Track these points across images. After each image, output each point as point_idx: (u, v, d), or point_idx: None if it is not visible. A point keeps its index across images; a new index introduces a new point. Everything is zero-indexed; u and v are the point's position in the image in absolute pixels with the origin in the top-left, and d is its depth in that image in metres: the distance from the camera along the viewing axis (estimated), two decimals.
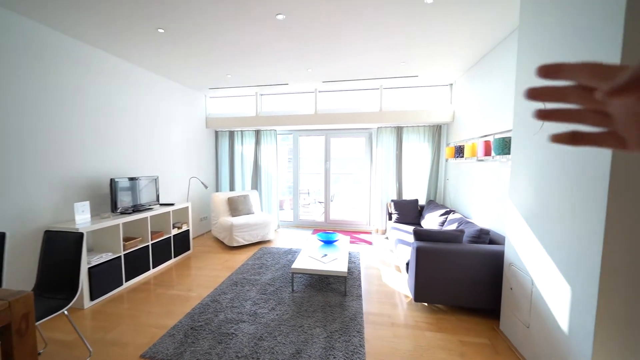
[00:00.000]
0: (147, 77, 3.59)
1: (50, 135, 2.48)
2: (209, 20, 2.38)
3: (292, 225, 5.45)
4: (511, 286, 1.94)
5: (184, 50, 2.99)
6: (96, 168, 2.92)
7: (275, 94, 4.85)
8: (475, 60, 3.27)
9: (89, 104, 2.82)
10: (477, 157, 3.08)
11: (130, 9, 2.19)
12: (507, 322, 1.99)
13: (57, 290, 1.75)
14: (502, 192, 2.67)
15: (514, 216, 1.92)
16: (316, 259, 2.82)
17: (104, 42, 2.77)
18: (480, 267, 2.18)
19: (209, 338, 1.96)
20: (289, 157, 5.62)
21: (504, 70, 2.69)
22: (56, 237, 1.86)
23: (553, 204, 1.55)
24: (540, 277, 1.65)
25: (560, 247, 1.50)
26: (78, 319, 2.26)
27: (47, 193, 2.47)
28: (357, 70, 3.63)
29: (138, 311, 2.37)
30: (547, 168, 1.60)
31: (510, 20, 2.36)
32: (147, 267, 3.11)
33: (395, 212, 4.20)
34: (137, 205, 3.12)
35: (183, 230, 3.72)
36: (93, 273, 2.47)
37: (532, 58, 1.77)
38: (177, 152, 4.22)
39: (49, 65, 2.46)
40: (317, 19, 2.37)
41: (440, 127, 4.44)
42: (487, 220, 2.94)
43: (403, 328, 2.13)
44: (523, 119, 1.84)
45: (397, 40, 2.75)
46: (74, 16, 2.29)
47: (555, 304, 1.52)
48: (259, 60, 3.31)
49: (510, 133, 2.47)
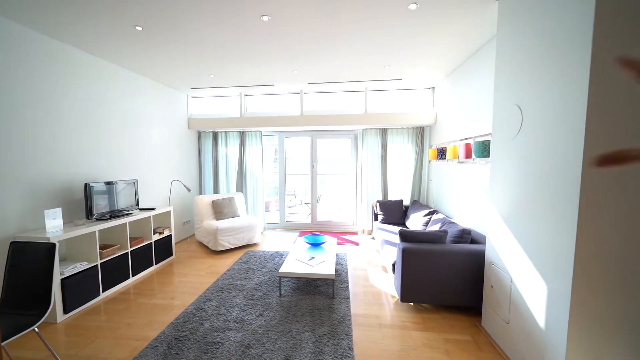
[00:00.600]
0: (124, 75, 3.42)
1: (14, 137, 2.31)
2: (189, 18, 2.31)
3: (279, 227, 5.40)
4: (492, 284, 2.03)
5: (163, 48, 2.87)
6: (69, 172, 2.74)
7: (261, 95, 4.78)
8: (456, 65, 3.38)
9: (59, 103, 2.65)
10: (458, 159, 3.19)
11: (104, 3, 2.08)
12: (488, 319, 2.07)
13: (26, 306, 1.63)
14: (482, 193, 2.77)
15: (493, 216, 2.01)
16: (304, 262, 2.81)
17: (74, 38, 2.61)
18: (463, 267, 2.26)
19: (194, 348, 1.89)
20: (275, 157, 5.56)
21: (484, 75, 2.80)
22: (24, 248, 1.73)
23: (529, 203, 1.63)
24: (519, 275, 1.73)
25: (536, 245, 1.58)
26: (50, 334, 2.11)
27: (12, 199, 2.29)
28: (342, 72, 3.65)
29: (117, 323, 2.26)
30: (523, 169, 1.68)
31: (489, 27, 2.45)
32: (126, 276, 2.96)
33: (381, 213, 4.26)
34: (115, 211, 2.96)
35: (165, 235, 3.59)
36: (66, 284, 2.32)
37: (509, 65, 1.85)
38: (158, 154, 4.06)
39: (19, 64, 2.28)
40: (302, 21, 2.36)
41: (423, 129, 4.56)
42: (469, 220, 3.05)
43: (390, 328, 2.17)
44: (501, 123, 1.92)
45: (381, 44, 2.79)
46: (45, 11, 2.13)
47: (533, 300, 1.60)
48: (243, 61, 3.25)
49: (489, 136, 2.58)
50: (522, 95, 1.72)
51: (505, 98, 1.88)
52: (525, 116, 1.68)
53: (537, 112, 1.58)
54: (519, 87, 1.74)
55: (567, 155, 1.36)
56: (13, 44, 2.28)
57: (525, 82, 1.68)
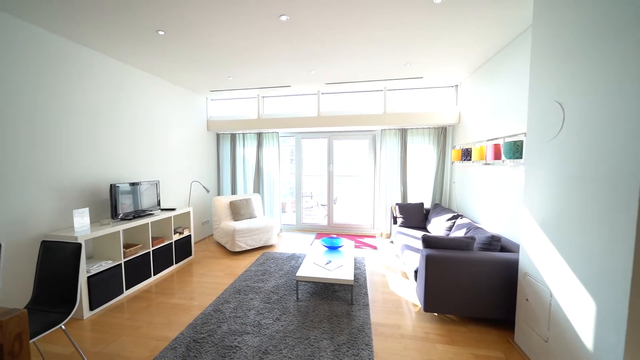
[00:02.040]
0: (146, 80, 3.53)
1: (47, 140, 2.42)
2: (210, 22, 2.32)
3: (295, 229, 5.38)
4: (527, 297, 1.86)
5: (184, 52, 2.92)
6: (95, 173, 2.85)
7: (278, 96, 4.78)
8: (482, 61, 3.19)
9: (87, 108, 2.76)
10: (485, 160, 3.01)
11: (129, 10, 2.13)
12: (523, 335, 1.90)
13: (55, 303, 1.68)
14: (512, 197, 2.58)
15: (529, 223, 1.84)
16: (321, 266, 2.75)
17: (103, 45, 2.70)
18: (493, 276, 2.10)
19: (212, 352, 1.88)
20: (291, 159, 5.55)
21: (514, 72, 2.61)
22: (53, 247, 1.79)
23: (573, 211, 1.47)
24: (560, 289, 1.57)
25: (582, 257, 1.42)
26: (77, 330, 2.19)
27: (44, 200, 2.40)
28: (360, 72, 3.56)
29: (139, 321, 2.31)
30: (565, 173, 1.52)
31: (522, 19, 2.28)
32: (148, 275, 3.04)
33: (400, 216, 4.12)
34: (138, 211, 3.05)
35: (185, 235, 3.66)
36: (92, 282, 2.40)
37: (547, 58, 1.69)
38: (178, 156, 4.16)
39: (45, 68, 2.40)
40: (321, 20, 2.30)
41: (445, 129, 4.36)
42: (497, 226, 2.86)
43: (413, 340, 2.05)
44: (538, 122, 1.76)
45: (403, 41, 2.68)
46: (74, 20, 2.22)
47: (578, 318, 1.44)
48: (261, 63, 3.25)
49: (521, 136, 2.40)
50: (564, 91, 1.56)
51: (543, 94, 1.72)
52: (568, 115, 1.52)
53: (584, 111, 1.42)
54: (561, 82, 1.58)
55: (623, 160, 1.20)
56: (43, 51, 2.39)
57: (569, 77, 1.52)
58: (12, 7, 2.05)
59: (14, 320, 1.11)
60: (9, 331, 1.10)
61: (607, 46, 1.29)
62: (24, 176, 2.25)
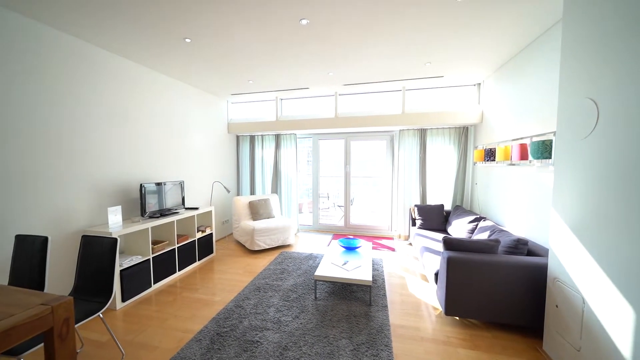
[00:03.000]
0: (172, 85, 3.72)
1: (88, 141, 2.62)
2: (233, 28, 2.41)
3: (312, 230, 5.42)
4: (557, 303, 1.77)
5: (208, 57, 3.06)
6: (126, 173, 3.04)
7: (296, 98, 4.86)
8: (506, 59, 3.08)
9: (121, 112, 2.96)
10: (510, 160, 2.89)
11: (159, 20, 2.26)
12: (553, 343, 1.82)
13: (93, 293, 1.82)
14: (540, 199, 2.47)
15: (559, 226, 1.76)
16: (339, 266, 2.76)
17: (132, 52, 2.88)
18: (519, 281, 2.02)
19: (234, 345, 1.95)
20: (308, 160, 5.61)
21: (541, 69, 2.51)
22: (92, 241, 1.94)
23: (609, 213, 1.39)
24: (594, 296, 1.49)
25: (618, 263, 1.34)
26: (111, 319, 2.34)
27: (83, 198, 2.60)
28: (379, 72, 3.54)
29: (165, 314, 2.43)
30: (599, 174, 1.45)
31: (549, 14, 2.18)
32: (173, 270, 3.19)
33: (419, 218, 4.04)
34: (164, 210, 3.21)
35: (207, 233, 3.80)
36: (124, 275, 2.56)
37: (578, 53, 1.62)
38: (201, 157, 4.33)
39: (84, 77, 2.60)
40: (341, 23, 2.33)
41: (467, 129, 4.24)
42: (523, 229, 2.74)
43: (433, 343, 2.01)
44: (570, 120, 1.68)
45: (424, 41, 2.64)
46: (107, 28, 2.40)
47: (614, 327, 1.36)
48: (281, 66, 3.33)
49: (550, 135, 2.29)
50: (597, 86, 1.48)
51: (575, 91, 1.64)
52: (603, 112, 1.44)
53: (620, 107, 1.35)
54: (594, 78, 1.51)
55: None
56: (83, 61, 2.59)
57: (603, 72, 1.45)
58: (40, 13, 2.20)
59: (63, 306, 1.22)
60: (59, 315, 1.20)
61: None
62: (67, 176, 2.45)
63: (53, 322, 1.18)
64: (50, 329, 1.16)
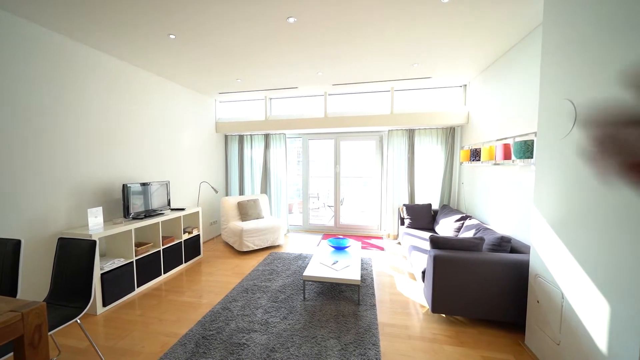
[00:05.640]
0: (157, 82, 3.62)
1: (65, 142, 2.51)
2: (219, 25, 2.37)
3: (302, 230, 5.40)
4: (538, 299, 1.82)
5: (194, 55, 2.99)
6: (108, 174, 2.94)
7: (285, 98, 4.83)
8: (491, 61, 3.16)
9: (98, 108, 2.84)
10: (494, 160, 2.96)
11: (141, 14, 2.20)
12: (534, 338, 1.87)
13: (71, 298, 1.74)
14: (523, 197, 2.54)
15: (540, 224, 1.81)
16: (328, 266, 2.75)
17: (114, 48, 2.79)
18: (503, 278, 2.07)
19: (220, 348, 1.91)
20: (298, 160, 5.59)
21: (524, 70, 2.58)
22: (69, 244, 1.85)
23: (586, 210, 1.44)
24: (572, 291, 1.54)
25: (595, 259, 1.39)
26: (91, 325, 2.25)
27: (61, 199, 2.49)
28: (368, 72, 3.56)
29: (149, 318, 2.36)
30: (577, 172, 1.50)
31: (533, 16, 2.25)
32: (158, 273, 3.10)
33: (408, 217, 4.09)
34: (149, 211, 3.12)
35: (193, 235, 3.72)
36: (105, 279, 2.47)
37: (557, 55, 1.67)
38: (188, 157, 4.24)
39: (61, 73, 2.49)
40: (329, 22, 2.33)
41: (453, 129, 4.32)
42: (507, 227, 2.81)
43: (420, 341, 2.04)
44: (549, 120, 1.74)
45: (410, 41, 2.67)
46: (85, 23, 2.31)
47: (591, 321, 1.41)
48: (269, 65, 3.29)
49: (532, 135, 2.36)
50: (575, 88, 1.53)
51: (554, 92, 1.69)
52: (580, 112, 1.49)
53: (596, 107, 1.39)
54: (572, 79, 1.56)
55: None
56: (61, 56, 2.49)
57: (580, 74, 1.50)
58: (16, 6, 2.11)
59: (34, 312, 1.16)
60: (30, 322, 1.14)
61: (620, 41, 1.27)
62: (44, 176, 2.34)
63: (23, 330, 1.11)
64: (20, 337, 1.10)
